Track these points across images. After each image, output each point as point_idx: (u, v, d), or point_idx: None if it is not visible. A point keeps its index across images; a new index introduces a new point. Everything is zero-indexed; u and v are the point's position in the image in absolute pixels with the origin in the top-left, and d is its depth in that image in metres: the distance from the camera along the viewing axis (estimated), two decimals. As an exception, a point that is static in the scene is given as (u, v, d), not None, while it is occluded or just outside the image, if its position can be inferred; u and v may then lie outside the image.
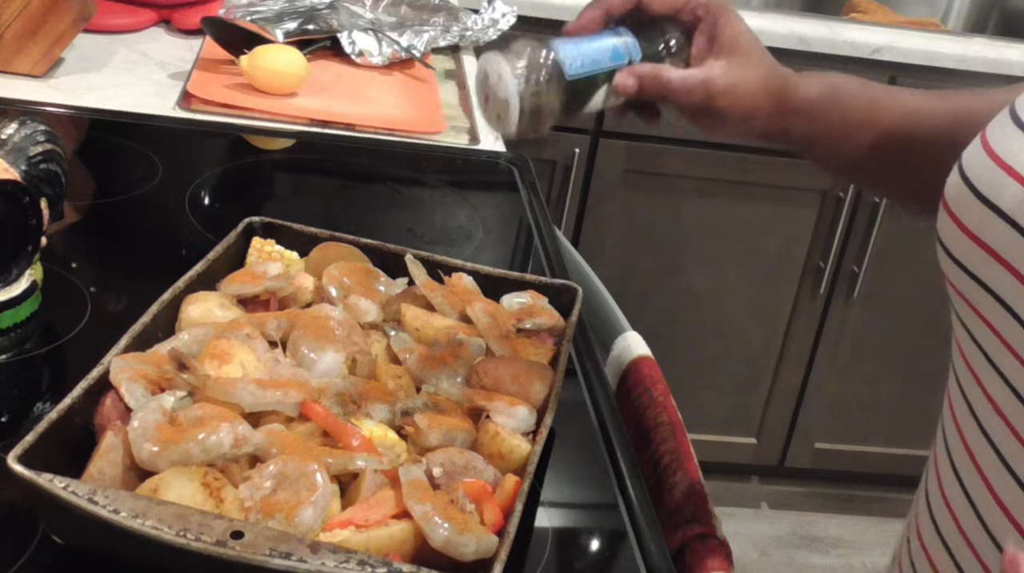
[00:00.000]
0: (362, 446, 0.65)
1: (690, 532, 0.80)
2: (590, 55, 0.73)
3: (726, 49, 0.75)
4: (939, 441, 0.61)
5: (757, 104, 0.76)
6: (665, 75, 0.74)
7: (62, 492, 0.57)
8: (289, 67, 1.34)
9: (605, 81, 0.74)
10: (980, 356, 0.55)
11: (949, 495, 0.58)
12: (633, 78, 0.74)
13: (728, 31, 0.76)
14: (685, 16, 0.77)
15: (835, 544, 2.35)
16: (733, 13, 0.77)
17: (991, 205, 0.52)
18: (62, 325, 0.86)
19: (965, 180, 0.55)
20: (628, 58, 0.75)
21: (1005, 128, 0.54)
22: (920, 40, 2.03)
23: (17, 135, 0.86)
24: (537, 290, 0.88)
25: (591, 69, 0.73)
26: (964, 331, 0.57)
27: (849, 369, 2.27)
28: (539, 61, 0.71)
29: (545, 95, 0.71)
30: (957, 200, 0.55)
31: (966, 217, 0.54)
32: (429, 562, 0.58)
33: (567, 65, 0.72)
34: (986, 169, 0.53)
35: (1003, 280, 0.51)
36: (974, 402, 0.56)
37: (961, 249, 0.55)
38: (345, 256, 0.88)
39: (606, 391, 0.89)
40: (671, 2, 0.76)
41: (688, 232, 2.12)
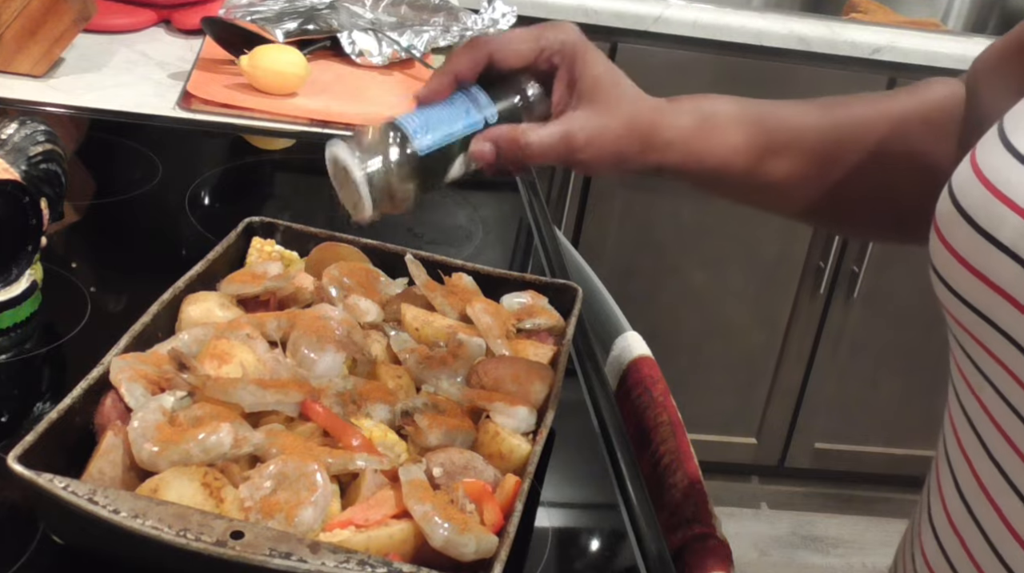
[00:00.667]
0: (362, 446, 0.65)
1: (690, 532, 0.80)
2: (441, 126, 0.68)
3: (586, 95, 0.70)
4: (940, 457, 0.61)
5: (623, 147, 0.71)
6: (523, 137, 0.69)
7: (62, 492, 0.57)
8: (289, 67, 1.34)
9: (461, 149, 0.69)
10: (984, 383, 0.53)
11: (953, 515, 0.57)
12: (489, 143, 0.69)
13: (587, 76, 0.70)
14: (541, 65, 0.71)
15: (835, 544, 2.35)
16: (591, 54, 0.71)
17: (989, 237, 0.50)
18: (62, 325, 0.86)
19: (957, 207, 0.53)
20: (484, 121, 0.69)
21: (996, 153, 0.52)
22: (920, 40, 2.03)
23: (17, 135, 0.86)
24: (537, 290, 0.88)
25: (444, 141, 0.68)
26: (964, 355, 0.55)
27: (849, 369, 2.27)
28: (386, 142, 0.66)
29: (397, 176, 0.66)
30: (950, 227, 0.53)
31: (961, 247, 0.52)
32: (429, 562, 0.58)
33: (416, 141, 0.67)
34: (981, 198, 0.51)
35: (1007, 315, 0.50)
36: (978, 424, 0.54)
37: (958, 279, 0.53)
38: (345, 256, 0.88)
39: (606, 391, 0.89)
40: (523, 54, 0.71)
41: (688, 232, 2.12)
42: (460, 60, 0.70)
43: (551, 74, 0.72)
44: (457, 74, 0.70)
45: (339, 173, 0.67)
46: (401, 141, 0.66)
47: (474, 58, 0.70)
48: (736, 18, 1.97)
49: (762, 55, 1.98)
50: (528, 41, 0.71)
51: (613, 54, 1.97)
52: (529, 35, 0.71)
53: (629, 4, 1.94)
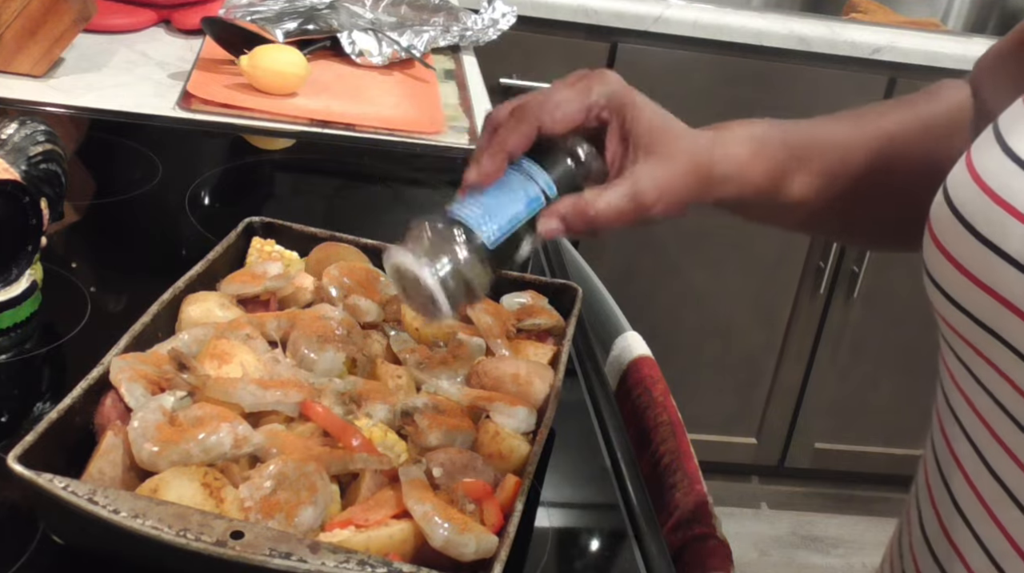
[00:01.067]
0: (362, 446, 0.65)
1: (690, 532, 0.80)
2: (504, 213, 0.64)
3: (644, 147, 0.66)
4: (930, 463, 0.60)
5: (691, 190, 0.68)
6: (590, 208, 0.64)
7: (62, 492, 0.57)
8: (289, 67, 1.34)
9: (528, 229, 0.65)
10: (979, 389, 0.52)
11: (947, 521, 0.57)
12: (556, 220, 0.65)
13: (641, 125, 0.67)
14: (591, 124, 0.67)
15: (835, 544, 2.35)
16: (639, 101, 0.67)
17: (994, 247, 0.48)
18: (62, 325, 0.86)
19: (955, 212, 0.51)
20: (544, 197, 0.65)
21: (993, 156, 0.50)
22: (920, 40, 2.03)
23: (17, 135, 0.86)
24: (537, 290, 0.88)
25: (510, 227, 0.64)
26: (957, 360, 0.54)
27: (849, 369, 2.27)
28: (452, 240, 0.62)
29: (471, 274, 0.62)
30: (947, 233, 0.52)
31: (962, 256, 0.51)
32: (429, 562, 0.58)
33: (484, 235, 0.62)
34: (981, 205, 0.50)
35: (1013, 327, 0.48)
36: (968, 427, 0.54)
37: (957, 287, 0.51)
38: (345, 256, 0.88)
39: (606, 391, 0.89)
40: (572, 117, 0.66)
41: (688, 232, 2.12)
42: (508, 136, 0.66)
43: (601, 131, 0.68)
44: (507, 150, 0.66)
45: (406, 282, 0.62)
46: (467, 237, 0.62)
47: (523, 132, 0.66)
48: (736, 18, 1.97)
49: (762, 55, 1.98)
50: (575, 102, 0.67)
51: (613, 54, 1.97)
52: (574, 94, 0.67)
53: (629, 4, 1.94)
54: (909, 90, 0.78)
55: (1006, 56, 0.67)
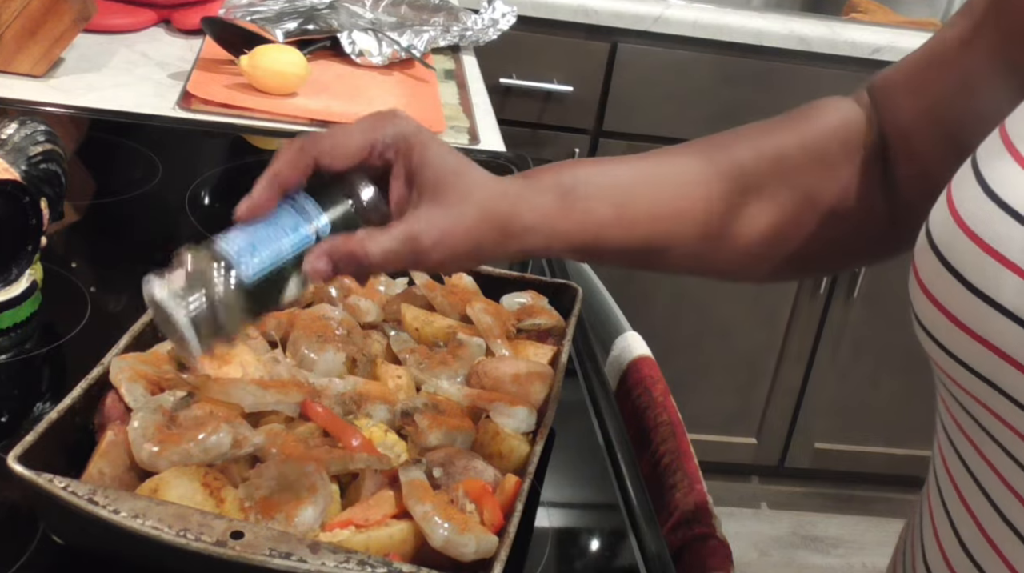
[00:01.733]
0: (362, 446, 0.65)
1: (690, 532, 0.80)
2: (267, 247, 0.59)
3: (429, 191, 0.62)
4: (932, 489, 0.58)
5: (479, 240, 0.62)
6: (360, 248, 0.60)
7: (62, 492, 0.57)
8: (289, 67, 1.34)
9: (294, 268, 0.60)
10: (979, 431, 0.51)
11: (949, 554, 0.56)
12: (324, 259, 0.60)
13: (428, 169, 0.62)
14: (375, 162, 0.63)
15: (835, 544, 2.35)
16: (429, 142, 0.63)
17: (987, 299, 0.47)
18: (62, 325, 0.86)
19: (942, 260, 0.49)
20: (315, 234, 0.61)
21: (976, 199, 0.48)
22: (920, 40, 2.01)
23: (17, 135, 0.86)
24: (537, 290, 0.88)
25: (272, 264, 0.59)
26: (957, 404, 0.52)
27: (849, 369, 2.27)
28: (209, 274, 0.58)
29: (224, 311, 0.58)
30: (936, 284, 0.49)
31: (953, 306, 0.49)
32: (429, 562, 0.58)
33: (243, 270, 0.58)
34: (970, 254, 0.48)
35: (1012, 379, 0.46)
36: (971, 463, 0.52)
37: (950, 338, 0.49)
38: (345, 256, 0.88)
39: (606, 391, 0.89)
40: (352, 154, 0.62)
41: (688, 232, 2.12)
42: (281, 166, 0.62)
43: (387, 171, 0.64)
44: (280, 183, 0.62)
45: (160, 315, 0.58)
46: (224, 270, 0.58)
47: (296, 162, 0.62)
48: (736, 18, 1.97)
49: (762, 55, 1.98)
50: (356, 137, 0.63)
51: (613, 54, 1.97)
52: (358, 130, 0.63)
53: (629, 4, 1.94)
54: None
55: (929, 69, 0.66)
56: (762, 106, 2.07)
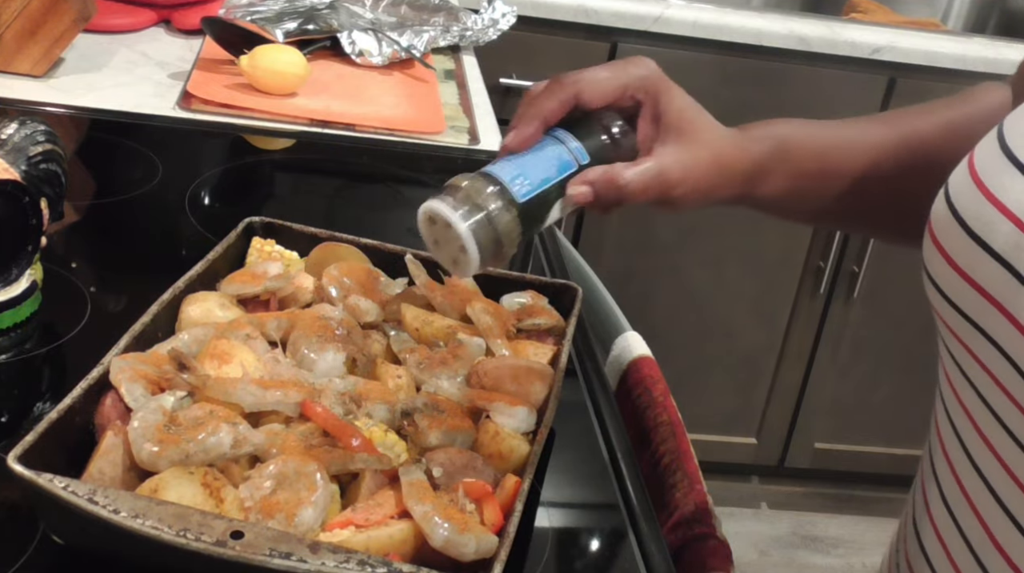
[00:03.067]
0: (362, 446, 0.65)
1: (690, 532, 0.80)
2: (537, 173, 0.67)
3: (673, 130, 0.70)
4: (926, 461, 0.60)
5: (711, 180, 0.71)
6: (619, 178, 0.68)
7: (62, 492, 0.57)
8: (289, 67, 1.34)
9: (558, 193, 0.68)
10: (971, 392, 0.53)
11: (937, 520, 0.57)
12: (586, 186, 0.68)
13: (672, 110, 0.70)
14: (625, 103, 0.71)
15: (835, 544, 2.35)
16: (673, 88, 0.71)
17: (982, 243, 0.49)
18: (62, 325, 0.86)
19: (952, 211, 0.52)
20: (576, 164, 0.69)
21: (993, 157, 0.51)
22: (920, 40, 2.03)
23: (17, 135, 0.86)
24: (537, 290, 0.88)
25: (541, 187, 0.67)
26: (953, 364, 0.55)
27: (849, 369, 2.27)
28: (485, 193, 0.65)
29: (501, 227, 0.65)
30: (944, 231, 0.53)
31: (954, 251, 0.52)
32: (429, 562, 0.58)
33: (515, 191, 0.66)
34: (975, 202, 0.50)
35: (996, 322, 0.49)
36: (965, 437, 0.54)
37: (950, 284, 0.52)
38: (345, 256, 0.88)
39: (606, 391, 0.89)
40: (608, 93, 0.70)
41: (688, 232, 2.12)
42: (546, 103, 0.69)
43: (634, 110, 0.71)
44: (546, 118, 0.69)
45: (437, 230, 0.65)
46: (500, 192, 0.65)
47: (561, 100, 0.69)
48: (736, 18, 1.97)
49: (762, 55, 1.98)
50: (611, 79, 0.70)
51: (613, 54, 1.97)
52: (611, 72, 0.70)
53: (629, 4, 1.94)
54: (909, 90, 0.78)
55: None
56: (762, 106, 2.07)
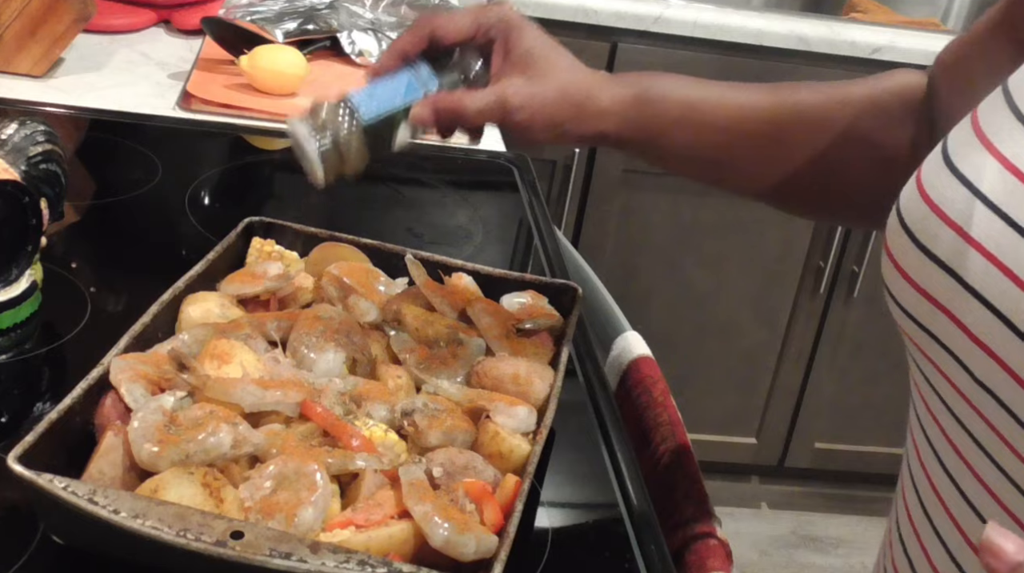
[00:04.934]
0: (362, 446, 0.65)
1: (690, 532, 0.80)
2: (384, 96, 0.75)
3: (520, 65, 0.75)
4: (905, 481, 0.61)
5: (558, 112, 0.76)
6: (458, 102, 0.74)
7: (62, 492, 0.57)
8: (289, 67, 1.34)
9: (404, 117, 0.76)
10: (936, 398, 0.54)
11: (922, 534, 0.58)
12: (427, 108, 0.75)
13: (521, 46, 0.76)
14: (480, 40, 0.77)
15: (835, 544, 2.35)
16: (527, 27, 0.76)
17: (927, 252, 0.51)
18: (62, 325, 0.86)
19: (902, 223, 0.53)
20: (423, 90, 0.76)
21: (937, 170, 0.53)
22: (920, 40, 2.03)
23: (17, 135, 0.86)
24: (537, 290, 0.88)
25: (386, 109, 0.75)
26: (918, 372, 0.56)
27: (849, 369, 2.27)
28: (336, 114, 0.74)
29: (346, 144, 0.74)
30: (895, 244, 0.54)
31: (905, 262, 0.53)
32: (429, 562, 0.58)
33: (361, 110, 0.74)
34: (921, 214, 0.52)
35: (946, 328, 0.51)
36: (936, 444, 0.55)
37: (906, 297, 0.54)
38: (345, 256, 0.88)
39: (606, 391, 0.89)
40: (462, 29, 0.76)
41: (688, 232, 2.12)
42: (404, 38, 0.76)
43: (490, 48, 0.77)
44: (402, 51, 0.76)
45: (297, 148, 0.74)
46: (349, 113, 0.74)
47: (417, 35, 0.76)
48: (736, 18, 1.97)
49: (762, 55, 1.98)
50: (467, 17, 0.76)
51: (613, 54, 1.97)
52: (468, 12, 0.76)
53: (629, 4, 1.94)
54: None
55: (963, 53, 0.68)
56: (762, 106, 2.05)
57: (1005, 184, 0.48)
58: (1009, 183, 0.48)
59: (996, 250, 0.47)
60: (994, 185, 0.49)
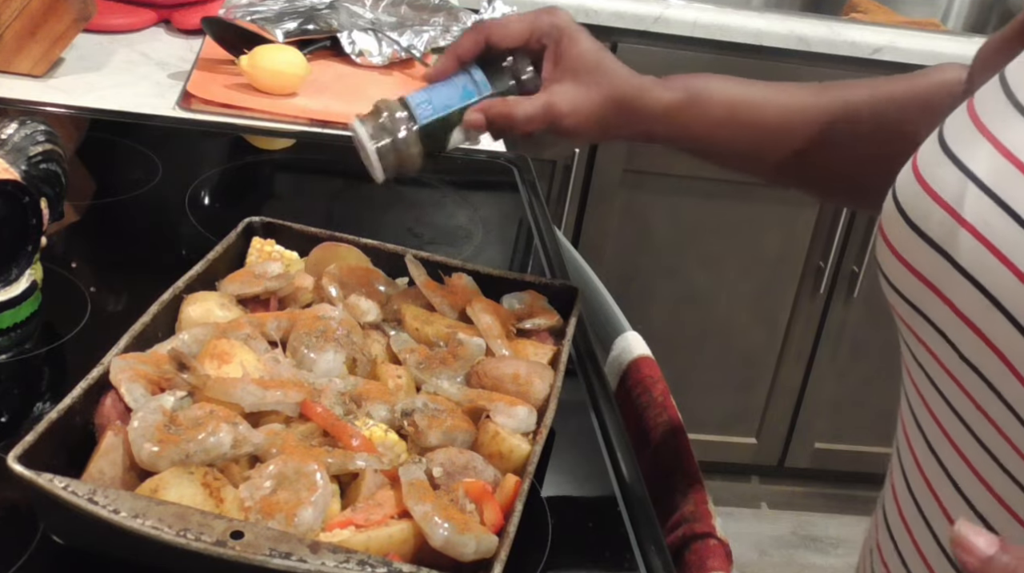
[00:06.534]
0: (362, 446, 0.65)
1: (690, 532, 0.80)
2: (440, 99, 0.80)
3: (569, 71, 0.78)
4: (893, 464, 0.62)
5: (605, 116, 0.79)
6: (509, 108, 0.78)
7: (62, 492, 0.57)
8: (289, 67, 1.34)
9: (459, 120, 0.80)
10: (925, 379, 0.56)
11: (907, 516, 0.58)
12: (480, 113, 0.79)
13: (571, 53, 0.78)
14: (533, 46, 0.80)
15: (835, 544, 2.35)
16: (577, 34, 0.79)
17: (919, 231, 0.53)
18: (62, 325, 0.86)
19: (896, 204, 0.55)
20: (478, 94, 0.80)
21: (932, 152, 0.55)
22: (920, 40, 2.03)
23: (17, 135, 0.86)
24: (537, 290, 0.88)
25: (442, 112, 0.79)
26: (909, 354, 0.58)
27: (849, 369, 2.27)
28: (394, 115, 0.79)
29: (403, 144, 0.79)
30: (890, 225, 0.56)
31: (897, 242, 0.55)
32: (429, 562, 0.58)
33: (418, 113, 0.79)
34: (915, 194, 0.54)
35: (935, 307, 0.52)
36: (925, 427, 0.56)
37: (898, 276, 0.55)
38: (345, 256, 0.88)
39: (606, 391, 0.89)
40: (516, 35, 0.79)
41: (688, 232, 2.12)
42: (461, 43, 0.80)
43: (543, 53, 0.80)
44: (458, 55, 0.80)
45: (359, 144, 0.80)
46: (408, 114, 0.79)
47: (473, 40, 0.79)
48: (736, 18, 1.97)
49: (762, 55, 1.98)
50: (521, 24, 0.79)
51: (613, 54, 1.97)
52: (523, 18, 0.79)
53: (629, 4, 1.94)
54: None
55: (996, 49, 0.68)
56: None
57: (997, 168, 0.50)
58: (1002, 167, 0.49)
59: (985, 230, 0.49)
60: (987, 168, 0.50)
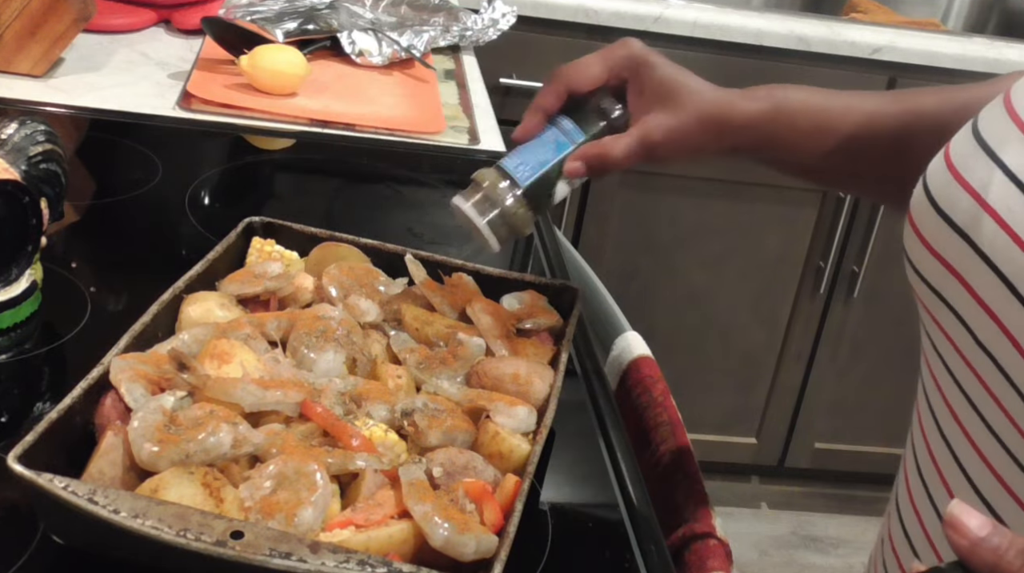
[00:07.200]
0: (362, 446, 0.65)
1: (690, 532, 0.80)
2: (535, 158, 0.79)
3: (655, 98, 0.77)
4: (908, 451, 0.62)
5: (697, 138, 0.78)
6: (606, 149, 0.77)
7: (62, 492, 0.57)
8: (289, 67, 1.34)
9: (559, 174, 0.79)
10: (941, 365, 0.56)
11: (917, 502, 0.59)
12: (579, 162, 0.78)
13: (653, 81, 0.78)
14: (614, 82, 0.79)
15: (835, 544, 2.35)
16: (654, 60, 0.78)
17: (946, 217, 0.53)
18: (62, 325, 0.86)
19: (926, 191, 0.56)
20: (572, 143, 0.79)
21: (965, 142, 0.55)
22: (920, 40, 2.03)
23: (17, 135, 0.86)
24: (537, 290, 0.88)
25: (540, 170, 0.79)
26: (929, 343, 0.58)
27: (849, 369, 2.27)
28: (496, 185, 0.78)
29: (511, 211, 0.79)
30: (918, 212, 0.56)
31: (925, 229, 0.55)
32: (429, 562, 0.58)
33: (517, 177, 0.78)
34: (944, 182, 0.54)
35: (958, 293, 0.53)
36: (939, 415, 0.57)
37: (922, 261, 0.56)
38: (345, 256, 0.88)
39: (606, 391, 0.89)
40: (596, 76, 0.79)
41: (688, 232, 2.12)
42: (543, 97, 0.79)
43: (624, 87, 0.79)
44: (543, 110, 0.79)
45: (464, 220, 0.80)
46: (508, 182, 0.79)
47: (555, 92, 0.79)
48: (736, 18, 1.97)
49: (762, 55, 1.98)
50: (597, 63, 0.79)
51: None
52: (597, 59, 0.79)
53: (629, 4, 1.94)
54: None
55: None
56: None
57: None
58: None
59: (1008, 216, 0.50)
60: (1016, 157, 0.51)
